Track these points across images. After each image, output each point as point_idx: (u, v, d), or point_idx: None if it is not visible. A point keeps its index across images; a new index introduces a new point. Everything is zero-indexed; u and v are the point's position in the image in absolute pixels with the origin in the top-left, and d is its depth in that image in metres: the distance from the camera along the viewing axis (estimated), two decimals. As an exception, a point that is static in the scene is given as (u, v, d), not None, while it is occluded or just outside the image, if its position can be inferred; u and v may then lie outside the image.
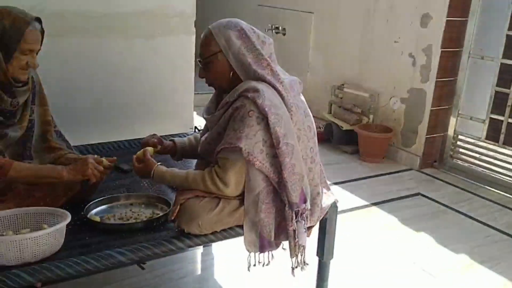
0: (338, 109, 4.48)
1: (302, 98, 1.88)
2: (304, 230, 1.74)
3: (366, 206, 3.26)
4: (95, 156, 1.96)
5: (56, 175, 1.81)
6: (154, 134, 2.06)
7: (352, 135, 4.23)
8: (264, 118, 1.65)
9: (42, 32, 1.85)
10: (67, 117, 2.60)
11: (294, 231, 1.72)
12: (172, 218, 1.72)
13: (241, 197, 1.74)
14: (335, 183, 3.57)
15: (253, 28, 1.79)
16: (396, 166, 4.03)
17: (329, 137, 4.42)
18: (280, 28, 5.09)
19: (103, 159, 1.94)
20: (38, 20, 1.84)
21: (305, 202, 1.74)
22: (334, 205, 1.95)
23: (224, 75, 1.76)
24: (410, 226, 3.00)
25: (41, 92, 2.03)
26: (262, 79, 1.71)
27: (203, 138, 1.89)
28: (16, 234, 1.59)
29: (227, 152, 1.68)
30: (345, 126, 4.27)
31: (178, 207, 1.71)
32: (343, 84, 4.50)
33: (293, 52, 4.98)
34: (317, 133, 4.86)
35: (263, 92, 1.65)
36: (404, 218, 3.10)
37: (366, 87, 4.31)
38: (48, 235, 1.53)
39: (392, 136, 4.07)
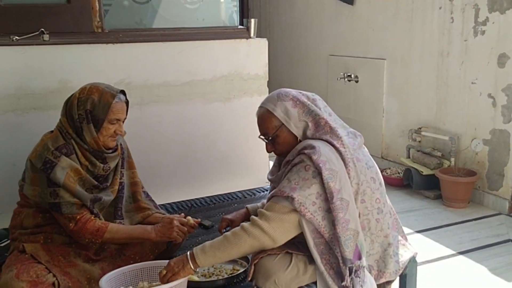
0: (416, 153, 4.39)
1: (365, 149, 1.90)
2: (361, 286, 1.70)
3: (452, 255, 3.11)
4: (180, 215, 2.08)
5: (146, 237, 1.95)
6: (223, 219, 2.08)
7: (433, 180, 4.09)
8: (319, 173, 1.68)
9: (127, 102, 2.01)
10: (152, 178, 2.78)
11: None
12: (249, 279, 1.75)
13: (310, 253, 1.73)
14: (418, 231, 3.46)
15: (299, 91, 1.87)
16: (483, 210, 3.84)
17: (409, 182, 4.32)
18: (353, 75, 5.13)
19: (189, 218, 2.05)
20: (123, 92, 2.00)
21: (359, 258, 1.70)
22: (413, 260, 1.91)
23: (291, 143, 1.84)
24: (501, 276, 2.83)
25: (129, 157, 2.20)
26: (319, 138, 1.78)
27: (268, 196, 1.95)
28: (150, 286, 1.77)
29: (278, 198, 1.72)
30: (425, 171, 4.15)
31: (253, 267, 1.74)
32: (420, 128, 4.42)
33: (367, 98, 4.99)
34: (396, 179, 4.68)
35: (319, 148, 1.71)
36: (494, 268, 2.92)
37: (445, 129, 4.21)
38: (180, 285, 1.66)
39: (476, 180, 3.90)
